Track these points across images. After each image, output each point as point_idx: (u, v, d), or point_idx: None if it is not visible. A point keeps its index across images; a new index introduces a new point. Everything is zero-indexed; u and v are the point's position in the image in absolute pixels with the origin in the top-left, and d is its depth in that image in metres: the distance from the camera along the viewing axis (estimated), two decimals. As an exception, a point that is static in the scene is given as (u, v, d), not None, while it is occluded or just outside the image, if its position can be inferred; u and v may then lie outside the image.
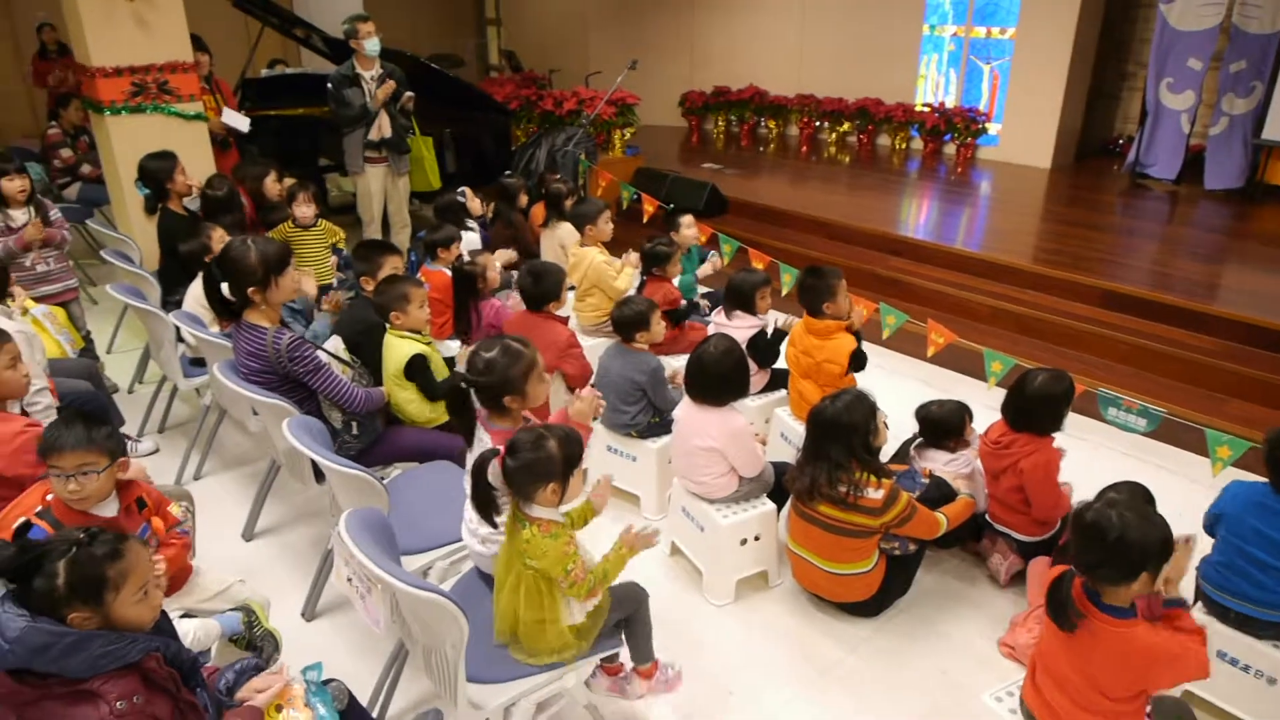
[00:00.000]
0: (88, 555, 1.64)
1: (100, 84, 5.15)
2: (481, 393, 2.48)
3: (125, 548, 1.70)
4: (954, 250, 6.16)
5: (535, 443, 2.21)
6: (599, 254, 4.73)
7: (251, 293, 3.11)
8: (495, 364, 2.44)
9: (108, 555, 1.66)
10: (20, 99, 9.74)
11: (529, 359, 2.49)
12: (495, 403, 2.48)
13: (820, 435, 2.90)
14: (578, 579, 2.24)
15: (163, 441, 4.43)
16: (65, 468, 2.22)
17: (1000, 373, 3.89)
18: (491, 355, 2.46)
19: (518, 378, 2.46)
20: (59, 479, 2.23)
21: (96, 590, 1.64)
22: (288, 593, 3.24)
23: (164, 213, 4.76)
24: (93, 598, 1.64)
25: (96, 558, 1.65)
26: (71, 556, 1.63)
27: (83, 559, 1.64)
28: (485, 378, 2.44)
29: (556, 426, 2.28)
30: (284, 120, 7.47)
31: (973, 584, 3.37)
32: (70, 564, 1.63)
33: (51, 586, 1.61)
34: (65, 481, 2.23)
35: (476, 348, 2.52)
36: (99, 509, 2.33)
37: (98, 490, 2.29)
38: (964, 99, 9.36)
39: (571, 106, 8.08)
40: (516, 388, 2.46)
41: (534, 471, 2.19)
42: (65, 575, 1.62)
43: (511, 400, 2.47)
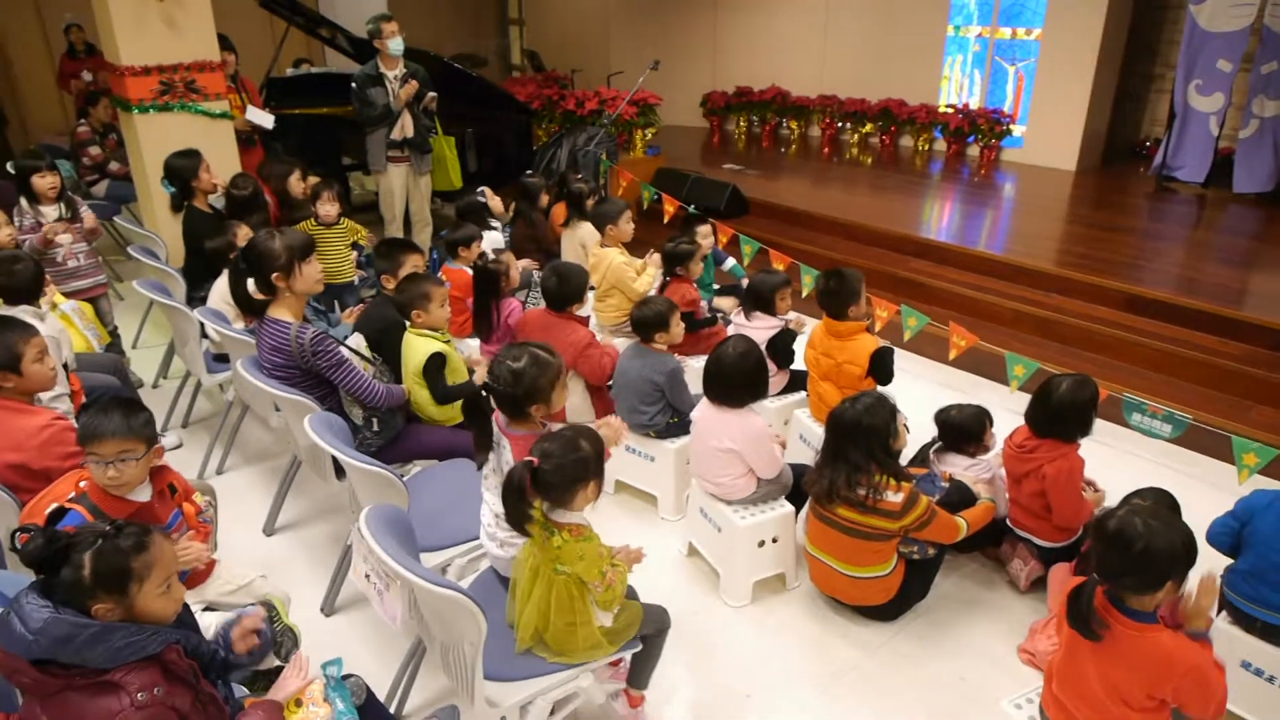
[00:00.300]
0: (113, 547, 1.66)
1: (129, 83, 5.21)
2: (506, 401, 2.48)
3: (150, 541, 1.72)
4: (977, 253, 6.11)
5: (570, 445, 2.21)
6: (619, 255, 4.74)
7: (276, 278, 3.15)
8: (524, 374, 2.43)
9: (133, 547, 1.68)
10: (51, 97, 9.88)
11: (557, 368, 2.49)
12: (519, 410, 2.48)
13: (840, 437, 2.88)
14: (612, 582, 2.25)
15: (186, 436, 4.48)
16: (105, 454, 2.25)
17: (1023, 377, 3.85)
18: (520, 365, 2.44)
19: (545, 387, 2.45)
20: (98, 465, 2.26)
21: (121, 582, 1.66)
22: (307, 587, 3.27)
23: (189, 210, 4.82)
24: (117, 589, 1.66)
25: (122, 550, 1.67)
26: (97, 548, 1.65)
27: (108, 551, 1.66)
28: (514, 388, 2.44)
29: (577, 425, 2.28)
30: (308, 119, 7.53)
31: (992, 589, 3.34)
32: (96, 555, 1.65)
33: (78, 577, 1.63)
34: (105, 468, 2.26)
35: (501, 357, 2.51)
36: (133, 494, 2.36)
37: (135, 476, 2.33)
38: (988, 100, 9.29)
39: (593, 106, 8.09)
40: (543, 396, 2.46)
41: (574, 474, 2.20)
42: (91, 566, 1.64)
43: (536, 408, 2.48)
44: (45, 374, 2.76)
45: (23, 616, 1.58)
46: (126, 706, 1.60)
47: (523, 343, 2.55)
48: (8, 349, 2.65)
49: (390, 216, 6.40)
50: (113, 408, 2.31)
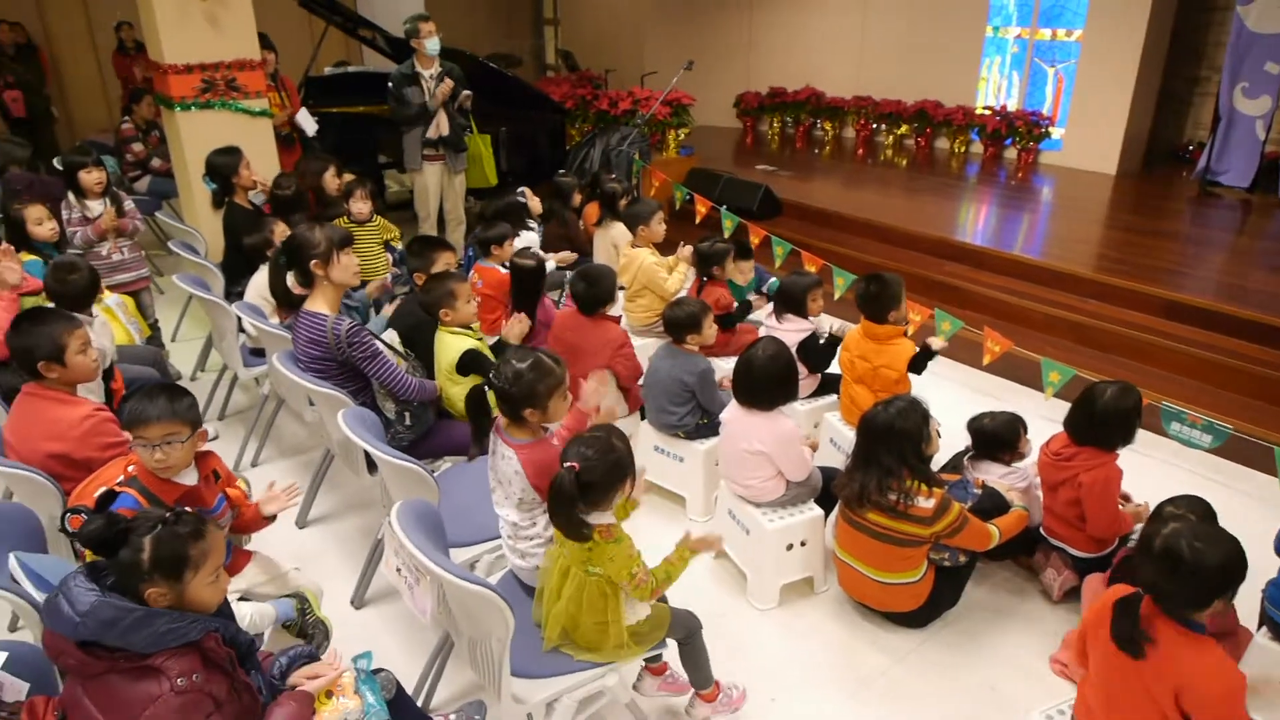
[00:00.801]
0: (172, 533, 1.71)
1: (172, 80, 5.31)
2: (503, 400, 2.49)
3: (207, 530, 1.77)
4: (1012, 257, 6.03)
5: (606, 447, 2.22)
6: (650, 255, 4.73)
7: (315, 266, 3.20)
8: (522, 376, 2.43)
9: (191, 535, 1.73)
10: (96, 95, 10.10)
11: (557, 378, 2.47)
12: (515, 413, 2.48)
13: (871, 441, 2.86)
14: (642, 581, 2.26)
15: (222, 429, 4.55)
16: (151, 438, 2.31)
17: (1058, 383, 3.79)
18: (522, 367, 2.45)
19: (542, 394, 2.44)
20: (145, 449, 2.32)
21: (178, 568, 1.70)
22: (338, 580, 3.31)
23: (229, 206, 4.90)
24: (173, 574, 1.70)
25: (181, 536, 1.71)
26: (157, 533, 1.70)
27: (167, 537, 1.70)
28: (511, 387, 2.45)
29: (601, 425, 2.29)
30: (345, 117, 7.63)
31: (1024, 598, 3.30)
32: (156, 540, 1.69)
33: (136, 560, 1.68)
34: (151, 451, 2.32)
35: (509, 356, 2.52)
36: (181, 477, 2.42)
37: (181, 459, 2.38)
38: (1027, 102, 9.16)
39: (627, 106, 8.10)
40: (539, 402, 2.45)
41: (615, 475, 2.21)
42: (150, 550, 1.68)
43: (531, 413, 2.46)
44: (88, 365, 2.83)
45: (71, 599, 1.62)
46: (166, 691, 1.64)
47: (535, 348, 2.56)
48: (52, 340, 2.71)
49: (424, 214, 6.45)
50: (157, 393, 2.37)
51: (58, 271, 3.48)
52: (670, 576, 2.36)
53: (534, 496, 2.44)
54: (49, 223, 4.20)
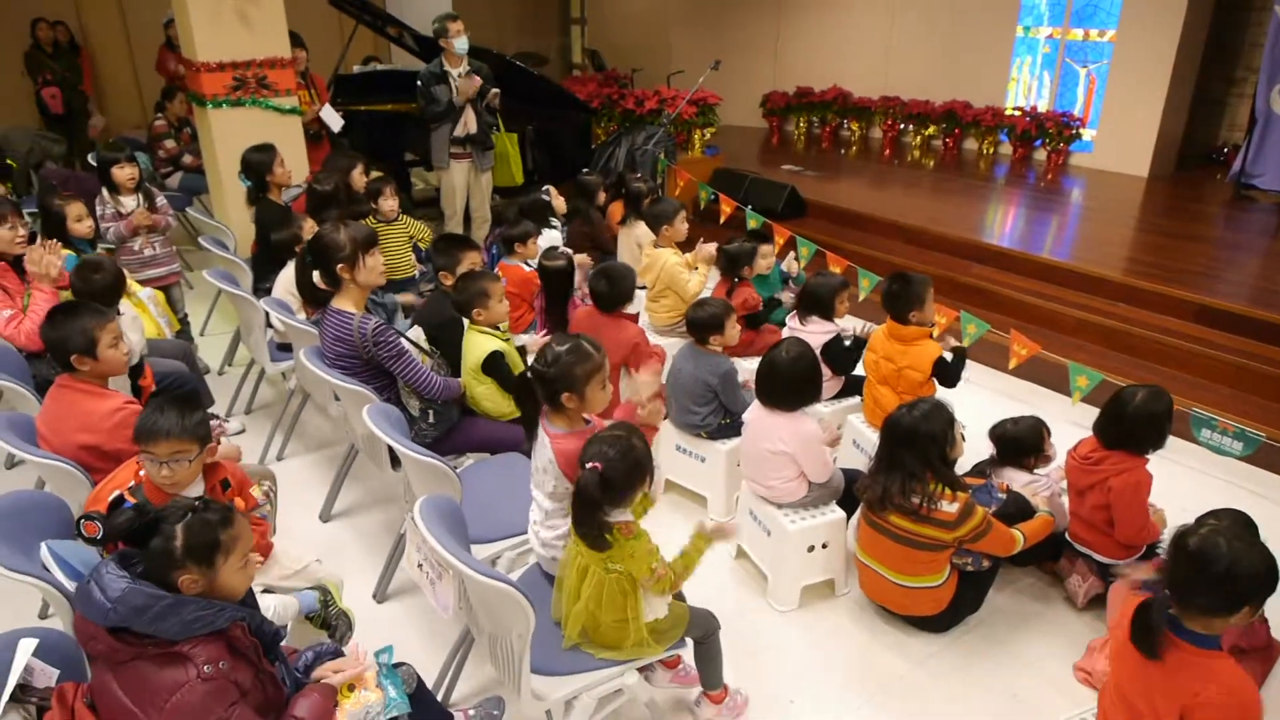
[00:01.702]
0: (203, 521, 1.75)
1: (204, 78, 5.39)
2: (542, 385, 2.50)
3: (235, 516, 1.80)
4: (1041, 259, 5.96)
5: (626, 448, 2.21)
6: (673, 255, 4.73)
7: (341, 269, 3.23)
8: (560, 359, 2.44)
9: (221, 521, 1.76)
10: (130, 92, 10.25)
11: (596, 363, 2.48)
12: (554, 398, 2.48)
13: (895, 444, 2.84)
14: (661, 575, 2.26)
15: (249, 422, 4.61)
16: (159, 454, 2.31)
17: (1086, 388, 3.75)
18: (561, 350, 2.46)
19: (579, 378, 2.44)
20: (153, 464, 2.33)
21: (209, 553, 1.74)
22: (360, 574, 3.34)
23: (262, 202, 4.96)
24: (205, 560, 1.73)
25: (211, 523, 1.75)
26: (188, 521, 1.74)
27: (198, 524, 1.74)
28: (549, 368, 2.46)
29: (619, 423, 2.29)
30: (373, 115, 7.69)
31: (1048, 605, 3.26)
32: (187, 528, 1.73)
33: (169, 547, 1.71)
34: (159, 468, 2.33)
35: (553, 340, 2.54)
36: (186, 491, 2.41)
37: (187, 477, 2.39)
38: (1057, 103, 9.05)
39: (653, 106, 8.10)
40: (576, 387, 2.44)
41: (635, 475, 2.21)
42: (182, 538, 1.72)
43: (569, 399, 2.46)
44: (119, 359, 2.87)
45: (103, 586, 1.65)
46: (193, 678, 1.66)
47: (578, 334, 2.57)
48: (85, 334, 2.76)
49: (451, 212, 6.50)
50: (169, 407, 2.35)
51: (82, 270, 3.53)
52: (688, 568, 2.36)
53: (567, 488, 2.43)
54: (87, 220, 4.27)
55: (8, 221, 3.78)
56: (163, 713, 1.64)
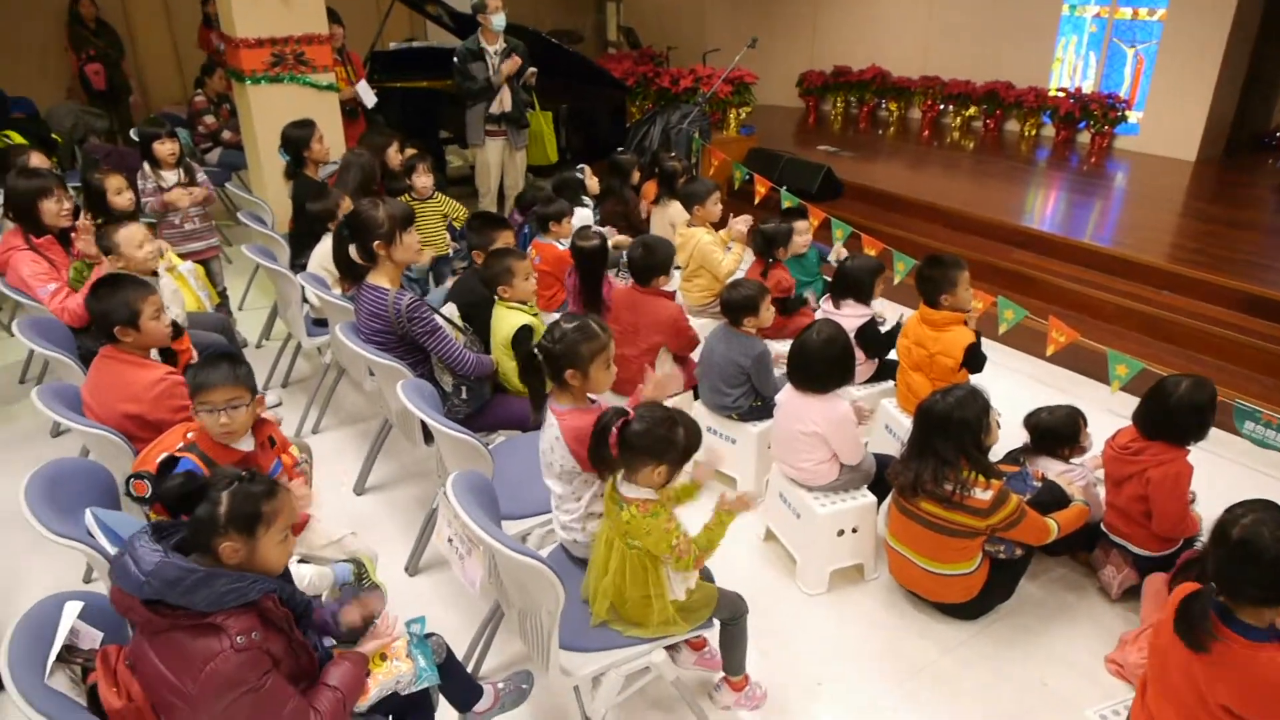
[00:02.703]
0: (247, 490, 1.78)
1: (243, 54, 5.43)
2: (548, 360, 2.51)
3: (279, 490, 1.84)
4: (1082, 244, 5.85)
5: (664, 421, 2.22)
6: (706, 235, 4.70)
7: (377, 247, 3.26)
8: (566, 335, 2.46)
9: (265, 493, 1.80)
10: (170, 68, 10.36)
11: (601, 343, 2.49)
12: (558, 374, 2.49)
13: (928, 430, 2.81)
14: (683, 552, 2.26)
15: (285, 396, 4.68)
16: (216, 403, 2.41)
17: (1125, 377, 3.68)
18: (567, 327, 2.48)
19: (584, 355, 2.45)
20: (210, 414, 2.41)
21: (251, 523, 1.77)
22: (392, 547, 3.39)
23: (299, 178, 5.00)
24: (247, 529, 1.77)
25: (255, 494, 1.78)
26: (233, 489, 1.78)
27: (242, 493, 1.78)
28: (554, 345, 2.47)
29: (684, 414, 2.28)
30: (408, 92, 7.71)
31: (1081, 595, 3.22)
32: (231, 496, 1.77)
33: (213, 514, 1.75)
34: (216, 416, 2.41)
35: (559, 319, 2.55)
36: (238, 443, 2.50)
37: (243, 423, 2.48)
38: (1103, 84, 8.84)
39: (688, 84, 8.03)
40: (580, 364, 2.46)
41: (653, 448, 2.21)
42: (227, 505, 1.76)
43: (572, 375, 2.47)
44: (161, 331, 2.93)
45: (136, 558, 1.68)
46: (226, 648, 1.70)
47: (586, 314, 2.58)
48: (128, 306, 2.82)
49: (485, 190, 6.51)
50: (218, 360, 2.46)
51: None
52: (711, 543, 2.34)
53: (573, 466, 2.45)
54: (127, 193, 4.34)
55: (53, 195, 3.85)
56: (198, 681, 1.68)
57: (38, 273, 3.71)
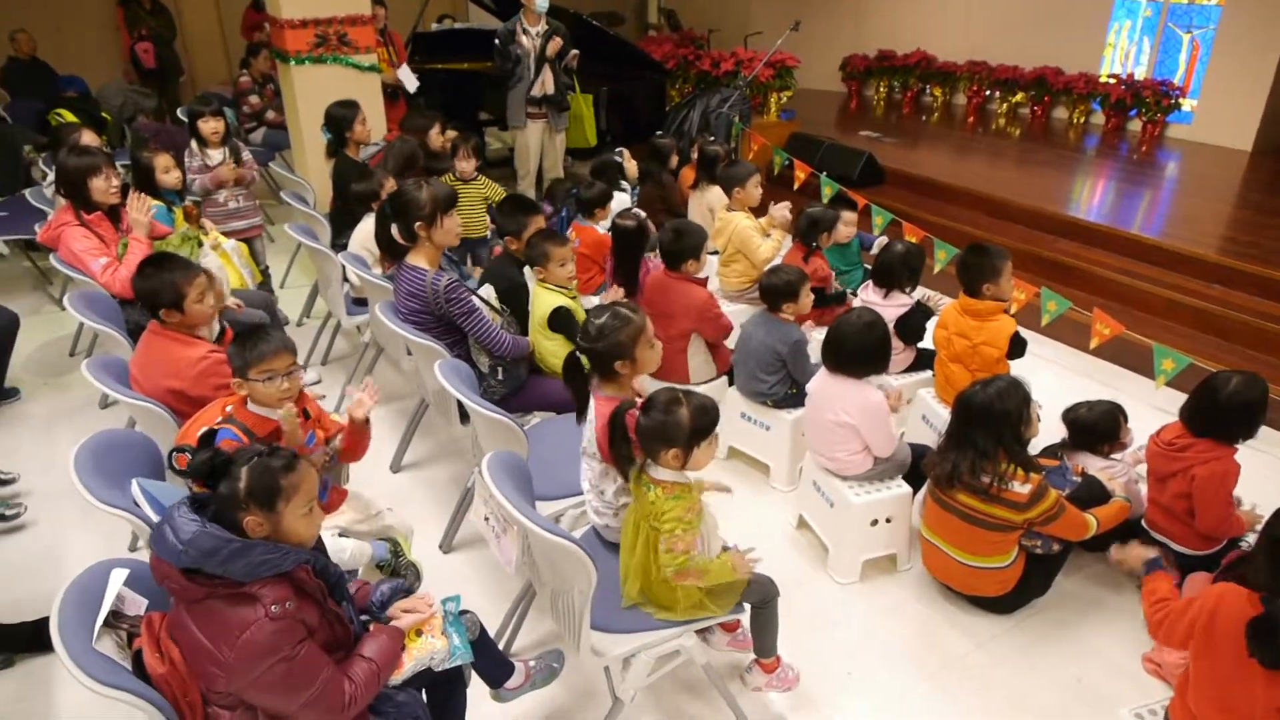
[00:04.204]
0: (266, 465, 1.81)
1: (288, 35, 5.48)
2: (594, 359, 2.52)
3: (298, 464, 1.86)
4: (1130, 235, 5.71)
5: (668, 405, 2.23)
6: (745, 219, 4.67)
7: (419, 228, 3.30)
8: (606, 329, 2.46)
9: (283, 467, 1.82)
10: (216, 48, 10.51)
11: (638, 324, 2.49)
12: (607, 369, 2.50)
13: (967, 421, 2.77)
14: (674, 548, 2.23)
15: (324, 373, 4.75)
16: (278, 369, 2.49)
17: (1171, 371, 3.59)
18: (602, 321, 2.48)
19: (627, 342, 2.46)
20: (273, 381, 2.48)
21: (270, 497, 1.80)
22: (427, 524, 3.43)
23: (340, 158, 5.05)
24: (267, 503, 1.80)
25: (273, 468, 1.81)
26: (252, 465, 1.81)
27: (261, 468, 1.81)
28: (595, 343, 2.47)
29: (696, 394, 2.28)
30: (449, 74, 7.74)
31: (1119, 592, 3.17)
32: (250, 471, 1.80)
33: (234, 489, 1.79)
34: (279, 382, 2.49)
35: (590, 315, 2.55)
36: (274, 414, 2.55)
37: (297, 388, 2.56)
38: (1156, 71, 8.59)
39: (729, 67, 7.96)
40: (627, 352, 2.47)
41: (660, 433, 2.22)
42: (246, 480, 1.79)
43: (622, 365, 2.48)
44: (205, 312, 2.99)
45: (175, 528, 1.73)
46: (261, 616, 1.73)
47: (611, 303, 2.58)
48: (174, 288, 2.88)
49: (524, 172, 6.52)
50: (267, 330, 2.53)
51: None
52: (707, 570, 2.29)
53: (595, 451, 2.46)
54: (175, 171, 4.41)
55: (103, 173, 3.93)
56: (234, 649, 1.72)
57: (89, 248, 3.80)
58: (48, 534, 3.44)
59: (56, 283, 5.67)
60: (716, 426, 2.27)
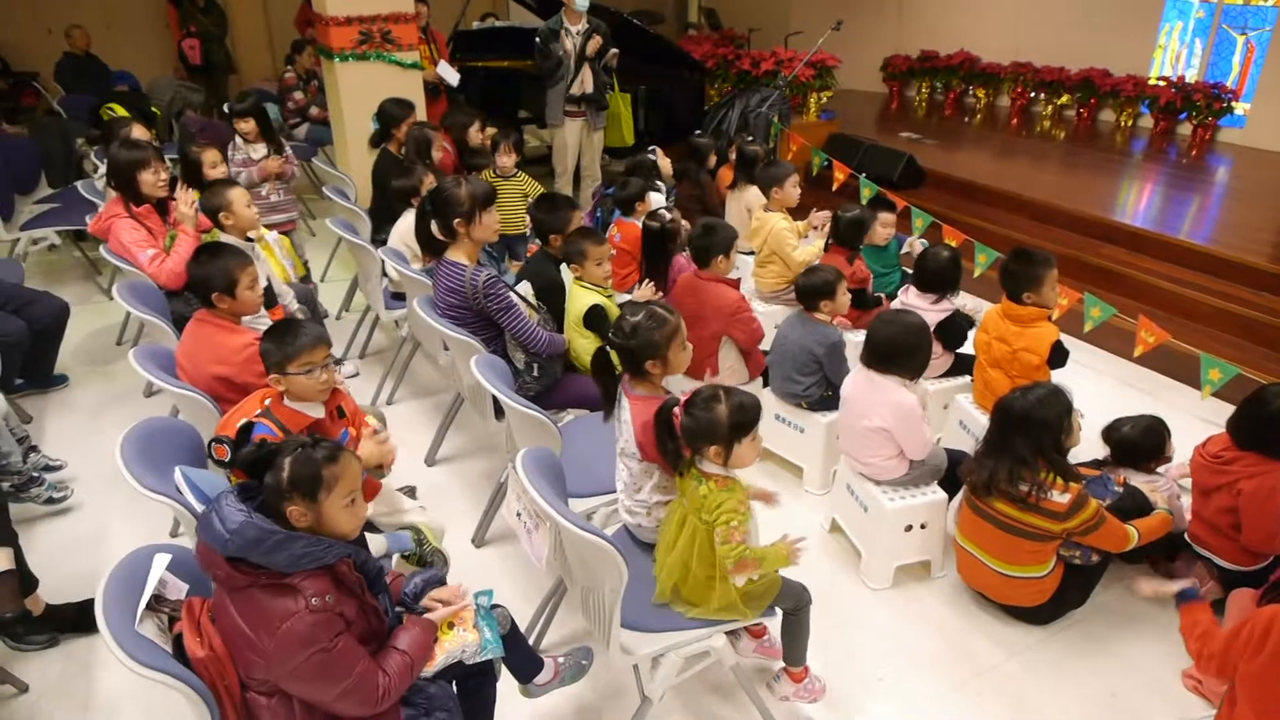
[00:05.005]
0: (308, 456, 1.84)
1: (333, 32, 5.56)
2: (624, 356, 2.52)
3: (341, 455, 1.89)
4: (1177, 241, 5.59)
5: (708, 401, 2.24)
6: (782, 220, 4.64)
7: (457, 224, 3.33)
8: (640, 328, 2.46)
9: (326, 458, 1.85)
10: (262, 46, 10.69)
11: (673, 325, 2.49)
12: (637, 367, 2.50)
13: (1006, 428, 2.73)
14: (731, 539, 2.24)
15: (362, 366, 4.82)
16: (317, 361, 2.52)
17: (1218, 382, 3.50)
18: (637, 319, 2.48)
19: (660, 343, 2.46)
20: (313, 374, 2.52)
21: (312, 487, 1.82)
22: (460, 518, 3.46)
23: (383, 153, 5.11)
24: (309, 494, 1.82)
25: (316, 459, 1.84)
26: (295, 455, 1.84)
27: (304, 458, 1.84)
28: (628, 341, 2.47)
29: (737, 391, 2.27)
30: (489, 71, 7.79)
31: (1160, 606, 3.09)
32: (293, 461, 1.83)
33: (278, 479, 1.82)
34: (318, 374, 2.53)
35: (624, 312, 2.55)
36: (309, 409, 2.59)
37: (334, 380, 2.59)
38: (1208, 73, 8.39)
39: (769, 67, 7.92)
40: (659, 352, 2.47)
41: (701, 430, 2.23)
42: (288, 470, 1.82)
43: (653, 365, 2.48)
44: (254, 300, 3.05)
45: (222, 516, 1.76)
46: (302, 608, 1.76)
47: (648, 300, 2.57)
48: (226, 274, 2.94)
49: (562, 170, 6.55)
50: (301, 324, 2.57)
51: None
52: (764, 558, 2.31)
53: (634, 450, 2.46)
54: (221, 166, 4.50)
55: (151, 166, 4.02)
56: (274, 638, 1.75)
57: (137, 240, 3.89)
58: (93, 518, 3.53)
59: (105, 273, 5.81)
60: (757, 424, 2.27)
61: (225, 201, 3.68)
